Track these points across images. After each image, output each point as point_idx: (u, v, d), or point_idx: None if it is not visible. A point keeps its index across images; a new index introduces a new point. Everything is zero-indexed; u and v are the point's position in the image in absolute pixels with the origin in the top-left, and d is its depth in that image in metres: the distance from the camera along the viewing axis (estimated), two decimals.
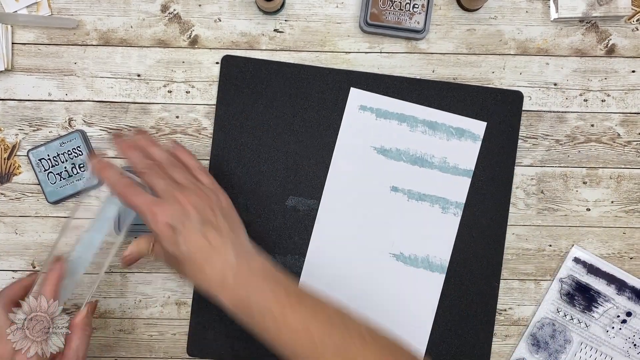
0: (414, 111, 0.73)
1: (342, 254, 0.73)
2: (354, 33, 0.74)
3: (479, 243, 0.73)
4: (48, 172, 0.73)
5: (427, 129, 0.73)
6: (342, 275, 0.73)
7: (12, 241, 0.74)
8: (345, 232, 0.73)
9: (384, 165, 0.73)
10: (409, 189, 0.73)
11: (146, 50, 0.74)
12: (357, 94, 0.73)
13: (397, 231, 0.73)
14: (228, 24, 0.74)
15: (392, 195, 0.73)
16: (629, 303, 0.74)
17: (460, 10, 0.74)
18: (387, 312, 0.73)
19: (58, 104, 0.74)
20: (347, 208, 0.73)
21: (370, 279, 0.73)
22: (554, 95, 0.74)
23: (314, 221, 0.73)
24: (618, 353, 0.74)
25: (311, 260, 0.73)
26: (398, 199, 0.73)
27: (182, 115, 0.74)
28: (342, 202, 0.73)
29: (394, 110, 0.73)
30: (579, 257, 0.74)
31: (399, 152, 0.73)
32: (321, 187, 0.73)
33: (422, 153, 0.73)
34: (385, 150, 0.73)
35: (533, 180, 0.74)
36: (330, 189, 0.73)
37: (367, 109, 0.73)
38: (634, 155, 0.75)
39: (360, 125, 0.73)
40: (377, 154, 0.73)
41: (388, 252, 0.73)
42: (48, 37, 0.74)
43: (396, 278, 0.73)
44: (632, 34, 0.74)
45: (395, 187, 0.73)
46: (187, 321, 0.75)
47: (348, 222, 0.73)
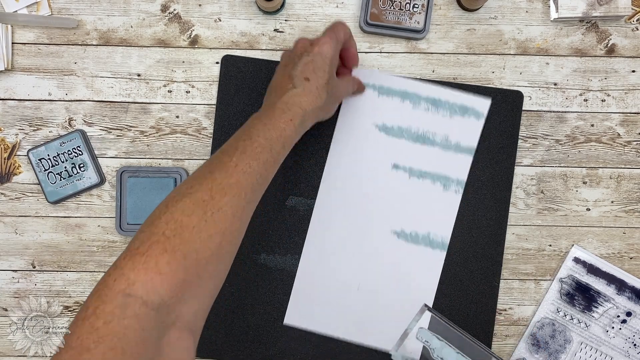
0: (417, 88, 0.73)
1: (343, 232, 0.73)
2: (354, 33, 0.74)
3: (479, 243, 0.73)
4: (48, 172, 0.73)
5: (430, 106, 0.73)
6: (344, 252, 0.73)
7: (12, 241, 0.74)
8: (347, 210, 0.73)
9: (385, 143, 0.73)
10: (410, 167, 0.73)
11: (146, 50, 0.74)
12: (358, 71, 0.73)
13: (398, 209, 0.73)
14: (228, 23, 0.74)
15: (394, 173, 0.73)
16: (629, 303, 0.74)
17: (460, 10, 0.74)
18: (388, 290, 0.72)
19: (58, 103, 0.74)
20: (349, 186, 0.73)
21: (371, 256, 0.73)
22: (554, 95, 0.74)
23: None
24: (618, 353, 0.74)
25: (312, 238, 0.73)
26: (399, 176, 0.73)
27: (182, 115, 0.74)
28: (343, 180, 0.73)
29: (396, 88, 0.73)
30: (579, 257, 0.74)
31: (401, 130, 0.73)
32: None
33: (424, 131, 0.73)
34: (387, 128, 0.73)
35: (533, 180, 0.74)
36: (331, 166, 0.73)
37: (369, 86, 0.73)
38: (634, 155, 0.75)
39: (361, 102, 0.73)
40: (378, 131, 0.73)
41: (389, 229, 0.73)
42: (48, 37, 0.74)
43: (397, 255, 0.73)
44: (632, 34, 0.74)
45: (396, 165, 0.73)
46: None
47: (349, 200, 0.73)
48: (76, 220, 0.74)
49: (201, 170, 0.56)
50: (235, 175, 0.55)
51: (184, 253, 0.50)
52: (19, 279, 0.74)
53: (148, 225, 0.51)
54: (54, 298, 0.74)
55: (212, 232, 0.52)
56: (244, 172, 0.56)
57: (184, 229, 0.51)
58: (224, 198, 0.53)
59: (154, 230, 0.50)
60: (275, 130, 0.59)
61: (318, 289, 0.73)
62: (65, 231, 0.74)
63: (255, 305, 0.74)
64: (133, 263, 0.48)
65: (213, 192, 0.53)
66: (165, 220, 0.51)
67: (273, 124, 0.59)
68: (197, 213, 0.52)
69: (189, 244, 0.50)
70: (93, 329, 0.45)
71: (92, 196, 0.74)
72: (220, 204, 0.53)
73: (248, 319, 0.73)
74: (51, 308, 0.74)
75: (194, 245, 0.51)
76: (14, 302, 0.74)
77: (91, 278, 0.75)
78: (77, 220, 0.74)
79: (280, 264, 0.74)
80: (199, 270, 0.51)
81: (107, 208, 0.74)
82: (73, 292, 0.75)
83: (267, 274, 0.74)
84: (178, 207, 0.52)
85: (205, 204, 0.52)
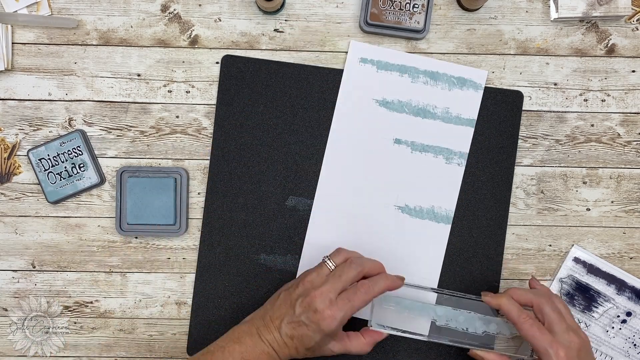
0: (415, 62, 0.73)
1: (347, 208, 0.73)
2: (354, 33, 0.74)
3: (479, 242, 0.73)
4: (48, 172, 0.73)
5: (429, 80, 0.73)
6: (348, 229, 0.73)
7: (12, 241, 0.74)
8: (350, 186, 0.73)
9: (386, 117, 0.73)
10: (412, 141, 0.73)
11: (146, 50, 0.74)
12: (357, 46, 0.73)
13: (402, 183, 0.73)
14: (228, 23, 0.74)
15: (396, 147, 0.73)
16: (629, 303, 0.74)
17: (460, 10, 0.74)
18: (394, 267, 0.72)
19: (58, 103, 0.74)
20: (351, 162, 0.73)
21: (376, 232, 0.73)
22: (554, 95, 0.74)
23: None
24: (618, 353, 0.74)
25: (317, 213, 0.73)
26: (401, 151, 0.73)
27: (182, 115, 0.74)
28: (345, 157, 0.73)
29: (395, 62, 0.73)
30: (579, 257, 0.74)
31: (401, 104, 0.73)
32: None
33: (425, 104, 0.73)
34: (387, 103, 0.73)
35: (533, 180, 0.75)
36: (333, 142, 0.73)
37: (367, 61, 0.73)
38: (634, 155, 0.75)
39: (361, 78, 0.73)
40: (379, 106, 0.73)
41: (393, 205, 0.73)
42: (48, 37, 0.74)
43: (402, 230, 0.73)
44: (632, 34, 0.74)
45: (398, 140, 0.73)
46: (187, 321, 0.75)
47: (352, 176, 0.73)
48: (76, 220, 0.75)
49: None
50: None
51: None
52: (19, 279, 0.75)
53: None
54: (54, 298, 0.74)
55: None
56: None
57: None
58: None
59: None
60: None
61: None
62: (65, 231, 0.74)
63: (255, 305, 0.73)
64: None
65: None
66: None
67: (251, 356, 0.62)
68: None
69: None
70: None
71: (92, 196, 0.74)
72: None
73: None
74: (51, 308, 0.74)
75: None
76: (14, 302, 0.74)
77: (91, 278, 0.75)
78: (77, 220, 0.75)
79: (280, 264, 0.74)
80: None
81: (107, 208, 0.74)
82: (73, 292, 0.75)
83: (267, 274, 0.74)
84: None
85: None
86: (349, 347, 0.64)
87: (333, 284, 0.62)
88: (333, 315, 0.61)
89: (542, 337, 0.62)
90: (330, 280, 0.62)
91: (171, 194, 0.72)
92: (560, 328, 0.63)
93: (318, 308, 0.61)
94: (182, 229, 0.73)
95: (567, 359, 0.61)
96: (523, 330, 0.63)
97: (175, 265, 0.75)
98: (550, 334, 0.63)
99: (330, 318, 0.60)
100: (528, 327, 0.63)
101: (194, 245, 0.74)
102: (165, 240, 0.74)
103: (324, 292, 0.61)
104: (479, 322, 0.68)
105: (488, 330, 0.68)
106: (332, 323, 0.61)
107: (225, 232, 0.74)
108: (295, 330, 0.62)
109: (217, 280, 0.74)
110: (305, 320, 0.61)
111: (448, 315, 0.68)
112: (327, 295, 0.61)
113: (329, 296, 0.61)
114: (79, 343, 0.75)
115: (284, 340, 0.62)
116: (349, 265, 0.63)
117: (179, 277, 0.75)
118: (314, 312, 0.61)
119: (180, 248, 0.74)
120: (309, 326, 0.61)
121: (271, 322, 0.63)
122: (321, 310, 0.61)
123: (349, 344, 0.64)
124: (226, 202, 0.74)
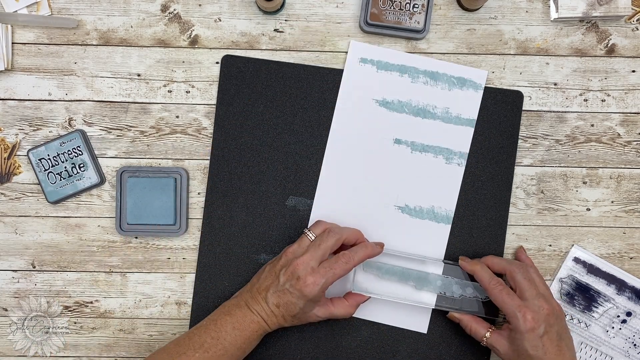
0: (415, 62, 0.73)
1: (347, 208, 0.73)
2: (354, 33, 0.74)
3: (479, 243, 0.73)
4: (48, 172, 0.73)
5: (429, 80, 0.73)
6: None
7: (12, 241, 0.74)
8: (350, 186, 0.73)
9: (386, 117, 0.73)
10: (412, 141, 0.73)
11: (146, 50, 0.74)
12: (357, 46, 0.73)
13: (402, 184, 0.73)
14: (228, 23, 0.74)
15: (396, 147, 0.73)
16: (629, 303, 0.74)
17: (460, 10, 0.74)
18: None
19: (58, 103, 0.74)
20: (351, 162, 0.73)
21: (376, 233, 0.73)
22: (554, 95, 0.74)
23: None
24: (618, 353, 0.74)
25: (317, 213, 0.73)
26: (401, 151, 0.73)
27: (182, 115, 0.74)
28: (345, 157, 0.73)
29: (395, 62, 0.73)
30: (579, 257, 0.74)
31: (401, 104, 0.73)
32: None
33: (425, 104, 0.73)
34: (387, 103, 0.73)
35: (533, 180, 0.75)
36: (333, 142, 0.73)
37: (367, 61, 0.73)
38: (634, 155, 0.75)
39: (361, 78, 0.73)
40: (379, 106, 0.73)
41: (393, 205, 0.73)
42: (48, 37, 0.74)
43: (402, 231, 0.73)
44: (632, 34, 0.74)
45: (398, 140, 0.73)
46: (187, 321, 0.75)
47: (352, 176, 0.73)
48: (76, 220, 0.75)
49: (169, 348, 0.65)
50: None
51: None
52: (19, 279, 0.75)
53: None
54: (54, 298, 0.74)
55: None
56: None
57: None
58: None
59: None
60: (242, 335, 0.65)
61: None
62: (65, 231, 0.74)
63: None
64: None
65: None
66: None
67: (242, 326, 0.66)
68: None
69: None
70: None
71: (92, 196, 0.74)
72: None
73: None
74: (51, 308, 0.74)
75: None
76: (14, 302, 0.74)
77: (91, 278, 0.75)
78: (77, 220, 0.75)
79: None
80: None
81: (107, 208, 0.74)
82: (73, 292, 0.75)
83: None
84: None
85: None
86: (333, 310, 0.68)
87: (313, 253, 0.66)
88: (315, 281, 0.64)
89: (511, 301, 0.65)
90: (311, 249, 0.66)
91: (171, 194, 0.72)
92: (531, 294, 0.65)
93: (300, 275, 0.64)
94: (182, 229, 0.73)
95: (534, 322, 0.63)
96: (493, 295, 0.66)
97: (175, 265, 0.75)
98: (520, 300, 0.65)
99: (313, 284, 0.64)
100: (497, 292, 0.66)
101: (194, 245, 0.74)
102: (165, 240, 0.74)
103: (305, 260, 0.65)
104: (455, 286, 0.71)
105: (464, 294, 0.70)
106: (315, 289, 0.64)
107: (225, 232, 0.74)
108: (281, 298, 0.65)
109: (217, 280, 0.74)
110: (290, 288, 0.65)
111: (426, 280, 0.71)
112: (308, 263, 0.65)
113: (310, 264, 0.65)
114: (79, 343, 0.75)
115: (271, 309, 0.66)
116: (327, 234, 0.67)
117: (179, 277, 0.75)
118: (297, 280, 0.64)
119: (180, 248, 0.74)
120: (293, 293, 0.65)
121: (258, 293, 0.67)
122: (303, 277, 0.64)
123: (332, 308, 0.68)
124: (226, 202, 0.74)
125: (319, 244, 0.66)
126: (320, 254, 0.65)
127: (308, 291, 0.64)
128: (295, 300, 0.65)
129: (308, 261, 0.65)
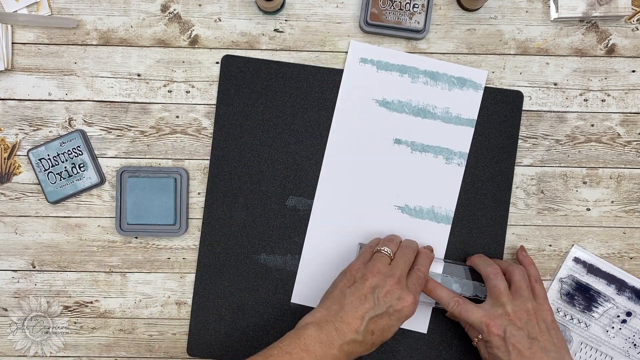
0: (415, 62, 0.73)
1: (347, 208, 0.73)
2: (354, 33, 0.74)
3: (479, 243, 0.73)
4: (48, 172, 0.73)
5: (429, 80, 0.73)
6: (348, 229, 0.73)
7: (12, 241, 0.74)
8: (350, 186, 0.73)
9: (386, 117, 0.73)
10: (412, 141, 0.73)
11: (146, 50, 0.74)
12: (357, 46, 0.73)
13: (402, 184, 0.73)
14: (228, 23, 0.74)
15: (396, 147, 0.73)
16: (629, 303, 0.74)
17: (460, 10, 0.74)
18: None
19: (58, 103, 0.74)
20: (351, 162, 0.73)
21: (376, 232, 0.73)
22: (554, 95, 0.74)
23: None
24: (618, 353, 0.74)
25: (317, 213, 0.73)
26: (401, 151, 0.73)
27: (182, 115, 0.74)
28: (345, 157, 0.73)
29: (394, 62, 0.73)
30: (579, 257, 0.74)
31: (401, 104, 0.73)
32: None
33: (425, 104, 0.73)
34: (387, 103, 0.73)
35: (533, 180, 0.75)
36: (333, 142, 0.73)
37: (367, 61, 0.73)
38: (634, 155, 0.75)
39: (361, 78, 0.73)
40: (379, 106, 0.73)
41: (393, 205, 0.73)
42: (48, 36, 0.74)
43: (403, 231, 0.73)
44: (632, 34, 0.74)
45: (398, 140, 0.73)
46: (187, 321, 0.75)
47: (352, 176, 0.73)
48: (76, 220, 0.75)
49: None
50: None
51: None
52: (19, 279, 0.75)
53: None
54: (54, 298, 0.74)
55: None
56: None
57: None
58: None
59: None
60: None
61: (324, 266, 0.73)
62: (65, 231, 0.74)
63: (255, 305, 0.74)
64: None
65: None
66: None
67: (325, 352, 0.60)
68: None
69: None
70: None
71: (92, 196, 0.74)
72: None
73: (248, 319, 0.73)
74: (51, 308, 0.74)
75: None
76: (14, 302, 0.74)
77: (91, 278, 0.75)
78: (77, 220, 0.75)
79: (280, 264, 0.74)
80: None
81: (107, 208, 0.74)
82: (73, 292, 0.75)
83: (267, 274, 0.74)
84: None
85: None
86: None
87: (402, 271, 0.63)
88: (415, 300, 0.63)
89: (472, 315, 0.66)
90: (399, 267, 0.64)
91: (171, 194, 0.72)
92: (497, 301, 0.66)
93: (401, 296, 0.62)
94: (182, 229, 0.73)
95: (496, 328, 0.64)
96: (454, 314, 0.67)
97: (175, 265, 0.75)
98: (483, 310, 0.66)
99: (413, 304, 0.62)
100: (458, 308, 0.66)
101: (194, 245, 0.74)
102: (165, 240, 0.74)
103: (400, 279, 0.63)
104: (455, 285, 0.70)
105: (464, 293, 0.70)
106: (414, 308, 0.62)
107: (225, 232, 0.74)
108: (377, 324, 0.61)
109: (217, 280, 0.74)
110: (390, 309, 0.61)
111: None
112: (402, 282, 0.63)
113: (404, 282, 0.63)
114: (79, 343, 0.75)
115: (363, 337, 0.61)
116: (406, 250, 0.66)
117: (179, 277, 0.75)
118: (397, 300, 0.61)
119: (180, 248, 0.74)
120: (392, 315, 0.62)
121: (347, 324, 0.61)
122: (404, 297, 0.62)
123: None
124: (226, 202, 0.74)
125: (404, 261, 0.64)
126: (406, 272, 0.64)
127: (410, 311, 0.62)
128: (394, 323, 0.62)
129: (401, 279, 0.63)
